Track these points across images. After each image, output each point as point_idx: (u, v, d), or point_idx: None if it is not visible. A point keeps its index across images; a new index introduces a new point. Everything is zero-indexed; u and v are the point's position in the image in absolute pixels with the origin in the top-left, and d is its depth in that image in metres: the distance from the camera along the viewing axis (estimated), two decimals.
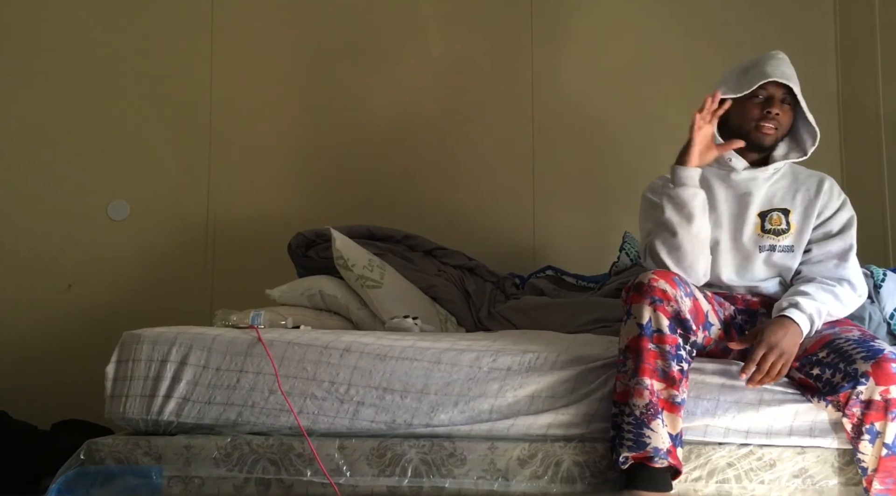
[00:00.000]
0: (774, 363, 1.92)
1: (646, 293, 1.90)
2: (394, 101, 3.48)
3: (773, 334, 1.95)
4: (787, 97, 2.17)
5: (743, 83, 2.17)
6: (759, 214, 2.18)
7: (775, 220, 2.19)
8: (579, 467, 1.96)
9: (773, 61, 2.19)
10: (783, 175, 2.24)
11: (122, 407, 2.06)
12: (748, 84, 2.15)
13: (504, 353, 2.06)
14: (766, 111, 2.15)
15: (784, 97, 2.17)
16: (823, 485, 1.92)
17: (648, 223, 2.22)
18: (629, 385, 1.88)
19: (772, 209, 2.19)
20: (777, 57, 2.21)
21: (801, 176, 2.24)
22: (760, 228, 2.18)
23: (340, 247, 2.69)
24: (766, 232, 2.18)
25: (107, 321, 3.22)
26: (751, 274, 2.17)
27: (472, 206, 3.43)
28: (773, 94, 2.17)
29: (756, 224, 2.19)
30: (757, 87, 2.15)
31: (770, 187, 2.22)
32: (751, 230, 2.18)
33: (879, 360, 1.82)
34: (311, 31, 3.50)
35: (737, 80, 2.20)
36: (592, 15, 3.52)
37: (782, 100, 2.17)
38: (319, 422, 2.02)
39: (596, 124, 3.47)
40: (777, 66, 2.17)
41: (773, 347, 1.93)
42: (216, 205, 3.42)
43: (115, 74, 3.44)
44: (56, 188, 3.38)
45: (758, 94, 2.17)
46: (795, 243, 2.17)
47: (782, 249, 2.17)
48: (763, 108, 2.16)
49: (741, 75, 2.20)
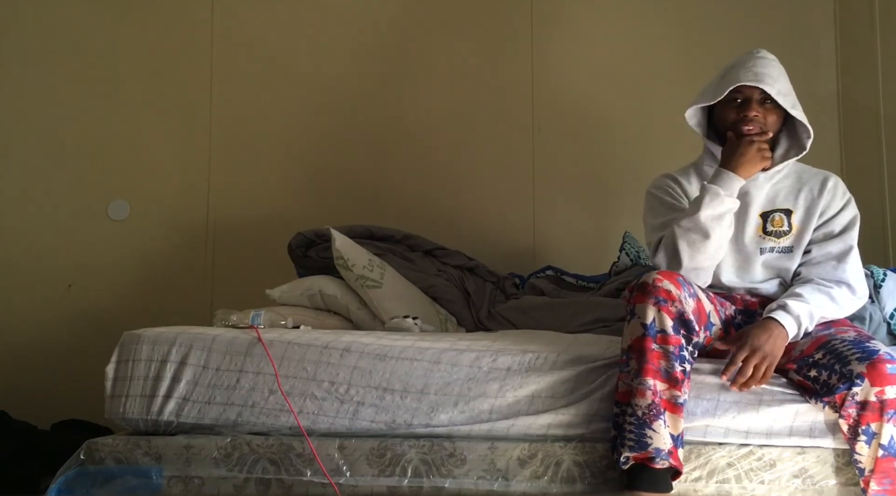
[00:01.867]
0: (758, 366, 1.92)
1: (650, 293, 1.90)
2: (394, 101, 3.48)
3: (756, 337, 1.94)
4: (769, 96, 2.15)
5: (719, 88, 2.17)
6: (762, 215, 2.18)
7: (777, 221, 2.18)
8: (579, 467, 1.96)
9: (749, 62, 2.17)
10: (786, 175, 2.23)
11: (122, 407, 2.06)
12: (721, 89, 2.16)
13: (504, 353, 2.06)
14: (742, 114, 2.15)
15: (764, 97, 2.15)
16: (823, 485, 1.92)
17: (657, 219, 2.20)
18: (632, 385, 1.88)
19: (774, 210, 2.18)
20: (754, 56, 2.19)
21: (806, 175, 2.23)
22: (762, 230, 2.18)
23: (340, 247, 2.69)
24: (768, 234, 2.17)
25: (107, 321, 3.23)
26: (750, 275, 2.17)
27: (472, 206, 3.43)
28: (750, 95, 2.16)
29: (758, 225, 2.18)
30: (734, 90, 2.14)
31: (772, 187, 2.21)
32: (752, 231, 2.18)
33: (874, 361, 1.82)
34: (310, 31, 3.50)
35: (714, 86, 2.20)
36: (592, 14, 3.52)
37: (762, 100, 2.15)
38: (319, 422, 2.02)
39: (596, 124, 3.47)
40: (750, 68, 2.15)
41: (756, 350, 1.92)
42: (216, 205, 3.42)
43: (115, 74, 3.44)
44: (56, 188, 3.38)
45: (735, 97, 2.16)
46: (795, 244, 2.16)
47: (781, 250, 2.16)
48: (739, 112, 2.16)
49: (719, 80, 2.20)
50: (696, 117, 2.27)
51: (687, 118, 2.25)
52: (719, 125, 2.22)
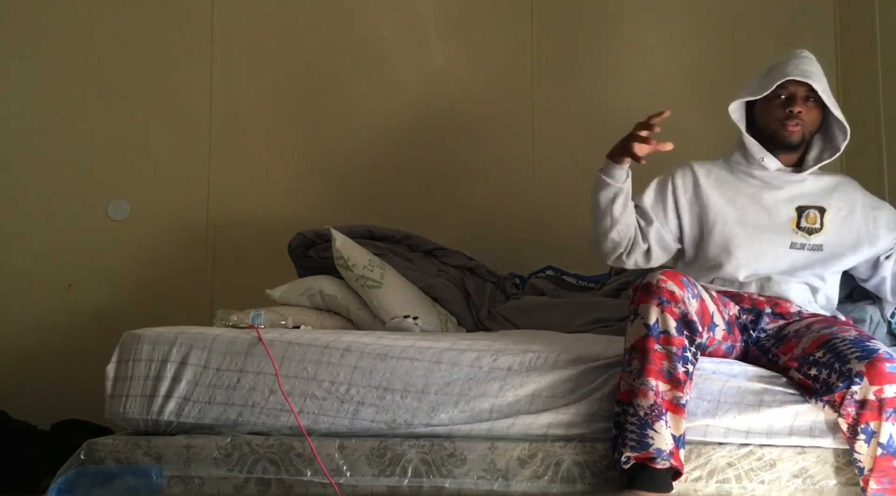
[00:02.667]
0: None
1: (654, 294, 1.90)
2: (394, 102, 3.47)
3: None
4: (812, 95, 2.20)
5: (764, 84, 2.22)
6: (797, 209, 2.20)
7: (811, 218, 2.22)
8: (579, 467, 1.96)
9: (795, 60, 2.22)
10: (820, 175, 2.29)
11: (122, 407, 2.06)
12: (768, 84, 2.20)
13: (504, 353, 2.06)
14: (788, 110, 2.20)
15: (808, 95, 2.21)
16: (823, 485, 1.92)
17: None
18: (634, 385, 1.88)
19: (810, 206, 2.20)
20: (800, 56, 2.24)
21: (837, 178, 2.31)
22: (796, 224, 2.21)
23: (340, 247, 2.69)
24: (801, 229, 2.21)
25: (107, 321, 3.22)
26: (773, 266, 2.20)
27: (472, 206, 3.42)
28: (795, 92, 2.20)
29: (792, 219, 2.22)
30: (779, 87, 2.19)
31: (809, 184, 2.26)
32: (785, 223, 2.21)
33: (873, 360, 1.82)
34: (311, 31, 3.50)
35: (759, 82, 2.25)
36: (593, 15, 3.52)
37: (806, 97, 2.21)
38: (319, 421, 2.02)
39: (596, 124, 3.46)
40: (798, 65, 2.20)
41: None
42: (216, 205, 3.42)
43: (115, 74, 3.43)
44: (56, 188, 3.38)
45: (780, 93, 2.21)
46: (825, 244, 2.20)
47: (812, 248, 2.20)
48: (785, 107, 2.20)
49: (763, 76, 2.25)
50: (737, 112, 2.31)
51: (730, 112, 2.29)
52: (760, 121, 2.27)
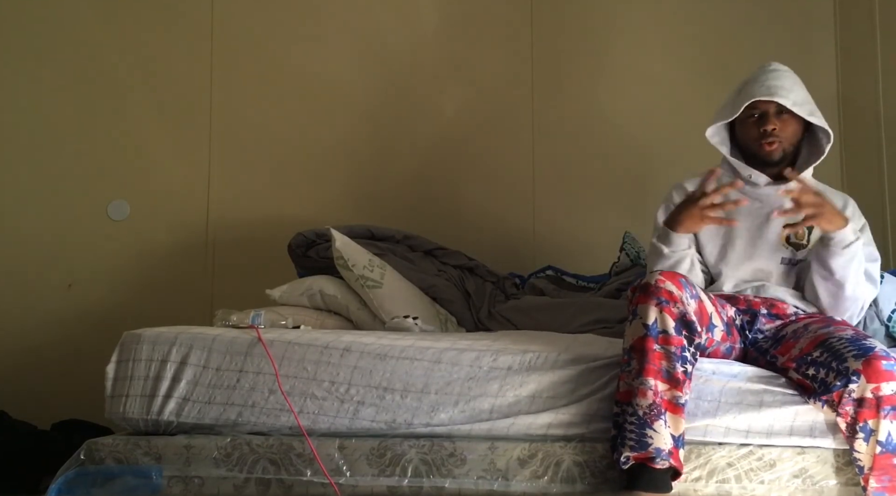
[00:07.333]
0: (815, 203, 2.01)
1: (652, 294, 1.90)
2: (394, 102, 3.48)
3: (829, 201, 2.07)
4: (786, 108, 2.19)
5: (736, 104, 2.22)
6: (787, 225, 2.16)
7: (800, 234, 2.23)
8: (579, 467, 1.96)
9: (763, 76, 2.22)
10: None
11: (122, 407, 2.06)
12: (739, 105, 2.20)
13: (504, 353, 2.06)
14: (762, 130, 2.19)
15: (780, 109, 2.20)
16: (823, 485, 1.92)
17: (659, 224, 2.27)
18: (633, 385, 1.88)
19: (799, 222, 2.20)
20: (767, 70, 2.24)
21: (828, 195, 2.23)
22: (786, 239, 2.23)
23: (340, 247, 2.69)
24: (790, 244, 2.23)
25: (107, 321, 3.22)
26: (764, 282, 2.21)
27: (472, 206, 3.43)
28: (767, 109, 2.21)
29: (782, 235, 2.22)
30: (750, 107, 2.19)
31: None
32: (776, 240, 2.22)
33: (870, 358, 1.83)
34: (310, 31, 3.50)
35: (732, 102, 2.25)
36: (593, 16, 3.52)
37: (779, 112, 2.20)
38: (319, 421, 2.02)
39: (596, 125, 3.47)
40: (764, 81, 2.19)
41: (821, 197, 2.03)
42: (216, 205, 3.42)
43: (115, 74, 3.44)
44: (56, 188, 3.38)
45: (752, 113, 2.21)
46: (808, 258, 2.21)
47: (795, 263, 2.23)
48: (759, 127, 2.21)
49: (736, 96, 2.25)
50: (718, 135, 2.31)
51: (708, 137, 2.29)
52: (741, 141, 2.28)
